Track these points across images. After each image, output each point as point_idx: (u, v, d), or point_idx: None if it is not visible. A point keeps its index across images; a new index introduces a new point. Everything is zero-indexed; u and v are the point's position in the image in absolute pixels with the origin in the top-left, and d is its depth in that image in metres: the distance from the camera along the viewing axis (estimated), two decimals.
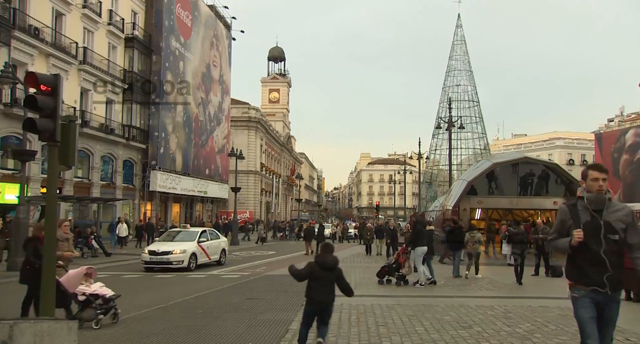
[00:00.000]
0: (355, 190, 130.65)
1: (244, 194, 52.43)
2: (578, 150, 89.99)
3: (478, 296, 11.17)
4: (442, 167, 47.63)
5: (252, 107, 58.95)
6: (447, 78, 48.35)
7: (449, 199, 24.08)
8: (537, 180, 22.72)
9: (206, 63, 42.69)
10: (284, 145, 77.37)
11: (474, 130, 47.30)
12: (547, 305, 9.82)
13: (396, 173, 77.43)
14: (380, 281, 13.30)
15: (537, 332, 7.52)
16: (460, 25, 48.79)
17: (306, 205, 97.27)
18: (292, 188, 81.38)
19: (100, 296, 7.85)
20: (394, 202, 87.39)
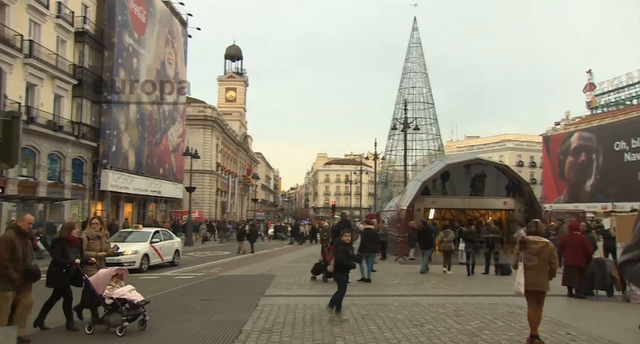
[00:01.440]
0: (311, 190, 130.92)
1: (199, 194, 51.64)
2: (527, 151, 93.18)
3: (430, 295, 11.37)
4: (397, 167, 48.36)
5: (208, 105, 58.13)
6: (403, 80, 49.19)
7: (403, 199, 24.44)
8: (488, 181, 23.36)
9: (161, 61, 41.78)
10: (240, 145, 76.67)
11: (429, 132, 48.33)
12: (496, 302, 10.11)
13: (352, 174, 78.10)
14: (313, 277, 13.73)
15: (486, 329, 7.73)
16: (416, 28, 49.69)
17: (262, 205, 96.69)
18: (249, 188, 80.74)
19: (128, 301, 7.40)
20: (350, 202, 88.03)
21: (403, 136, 36.04)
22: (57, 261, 7.69)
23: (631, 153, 64.13)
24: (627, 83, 72.88)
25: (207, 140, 56.09)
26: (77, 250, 7.89)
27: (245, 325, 7.90)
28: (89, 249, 8.26)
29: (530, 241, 6.88)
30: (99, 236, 8.67)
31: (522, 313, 7.53)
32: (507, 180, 23.38)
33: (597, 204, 61.49)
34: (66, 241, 7.79)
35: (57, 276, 7.65)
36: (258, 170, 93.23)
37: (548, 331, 7.48)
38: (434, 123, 48.42)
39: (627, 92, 73.61)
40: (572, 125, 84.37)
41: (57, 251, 7.75)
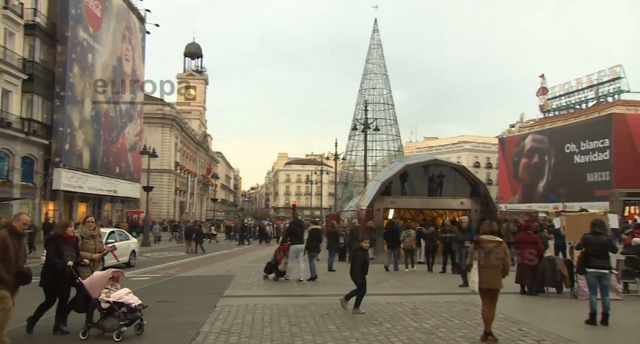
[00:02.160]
0: (272, 190, 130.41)
1: (157, 193, 50.68)
2: (484, 153, 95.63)
3: (389, 294, 11.51)
4: (357, 167, 48.72)
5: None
6: (364, 81, 49.61)
7: (363, 199, 24.65)
8: (445, 181, 23.81)
9: (117, 57, 40.75)
10: (200, 144, 75.64)
11: (389, 132, 48.92)
12: (452, 301, 10.32)
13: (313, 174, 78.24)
14: (266, 276, 13.96)
15: (442, 327, 7.88)
16: (376, 29, 50.16)
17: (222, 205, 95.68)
18: (208, 188, 79.74)
19: (126, 305, 7.08)
20: (310, 202, 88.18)
21: (363, 136, 36.37)
22: (51, 261, 7.26)
23: (580, 155, 66.70)
24: (577, 88, 75.76)
25: (165, 139, 55.10)
26: (73, 249, 7.46)
27: (203, 327, 7.79)
28: (83, 249, 7.88)
29: (484, 240, 7.05)
30: (94, 235, 8.28)
31: (477, 310, 7.71)
32: (464, 180, 23.89)
33: (549, 204, 63.74)
34: (62, 239, 7.37)
35: (51, 276, 7.23)
36: (218, 170, 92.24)
37: (501, 327, 7.69)
38: (394, 124, 49.05)
39: (577, 96, 76.51)
40: (526, 128, 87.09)
41: (51, 250, 7.30)
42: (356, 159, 48.68)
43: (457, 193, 23.57)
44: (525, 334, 7.41)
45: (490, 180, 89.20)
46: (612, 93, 70.64)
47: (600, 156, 63.47)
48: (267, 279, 13.83)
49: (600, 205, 46.31)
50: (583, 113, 72.96)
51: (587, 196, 57.71)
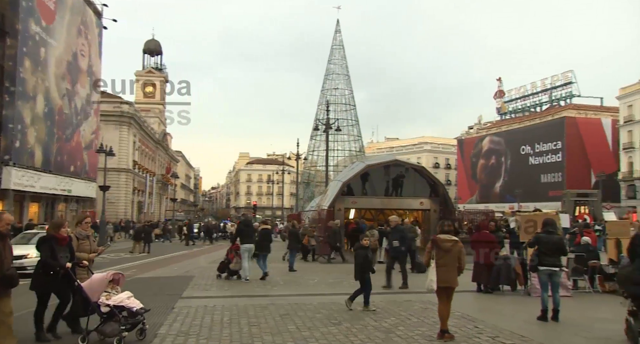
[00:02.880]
0: (233, 190, 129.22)
1: (114, 193, 49.44)
2: (443, 154, 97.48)
3: (349, 293, 11.54)
4: (319, 167, 48.87)
5: (125, 101, 55.72)
6: (326, 82, 49.84)
7: (324, 199, 24.73)
8: (406, 182, 24.16)
9: (72, 52, 39.47)
10: (159, 143, 74.21)
11: (350, 133, 49.31)
12: (410, 299, 10.47)
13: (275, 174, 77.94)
14: (219, 275, 14.17)
15: (400, 325, 7.98)
16: (339, 30, 50.45)
17: (182, 205, 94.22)
18: (167, 188, 78.32)
19: (127, 309, 6.72)
20: (272, 202, 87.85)
21: (325, 137, 36.49)
22: (45, 262, 6.90)
23: (535, 157, 68.90)
24: (532, 91, 78.22)
25: (123, 137, 53.78)
26: (67, 250, 7.14)
27: (161, 329, 7.64)
28: (79, 250, 7.54)
29: (441, 240, 7.19)
30: (88, 235, 7.95)
31: (435, 308, 7.84)
32: (424, 181, 24.29)
33: (505, 204, 65.57)
34: (55, 240, 7.02)
35: (44, 278, 6.87)
36: (178, 169, 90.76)
37: (457, 325, 7.86)
38: (356, 125, 49.49)
39: (532, 99, 78.99)
40: (484, 130, 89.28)
41: (45, 251, 6.93)
42: (318, 159, 48.86)
43: (417, 194, 23.94)
44: (480, 331, 7.59)
45: (449, 181, 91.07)
46: (565, 98, 73.30)
47: (553, 158, 65.75)
48: (220, 278, 14.01)
49: (553, 205, 47.95)
50: (537, 116, 75.39)
51: (541, 197, 59.70)
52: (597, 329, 7.90)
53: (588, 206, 45.07)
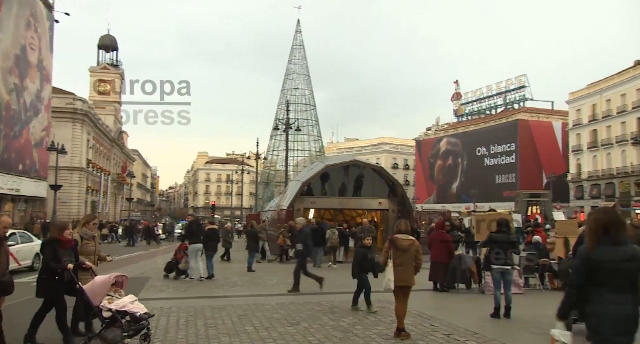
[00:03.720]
0: (191, 189, 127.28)
1: (67, 193, 47.88)
2: (402, 154, 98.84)
3: (308, 293, 11.56)
4: (279, 167, 48.71)
5: (78, 97, 54.01)
6: (286, 81, 49.72)
7: (284, 199, 24.66)
8: (365, 182, 24.35)
9: (21, 45, 37.92)
10: (114, 141, 72.31)
11: (310, 133, 49.36)
12: None
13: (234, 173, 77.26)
14: (166, 275, 14.25)
15: (358, 324, 8.03)
16: (299, 30, 50.42)
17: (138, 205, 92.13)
18: (123, 187, 76.44)
19: (130, 314, 6.35)
20: (231, 202, 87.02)
21: (285, 136, 36.40)
22: (48, 266, 6.57)
23: (490, 158, 70.77)
24: (487, 94, 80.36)
25: (76, 135, 52.11)
26: (71, 253, 6.79)
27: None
28: (83, 251, 7.19)
29: (399, 239, 7.28)
30: (94, 236, 7.58)
31: (392, 307, 7.94)
32: (382, 181, 24.55)
33: (461, 204, 67.06)
34: (58, 242, 6.67)
35: (49, 284, 6.53)
36: (134, 168, 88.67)
37: (414, 323, 7.97)
38: (316, 125, 49.56)
39: (487, 102, 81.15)
40: (441, 131, 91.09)
41: (48, 254, 6.62)
42: (277, 159, 48.69)
43: (376, 194, 24.18)
44: (436, 329, 7.73)
45: (407, 181, 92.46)
46: (518, 101, 75.68)
47: (507, 159, 67.71)
48: (168, 278, 14.06)
49: (507, 205, 49.36)
50: (493, 118, 77.53)
51: (495, 197, 61.36)
52: (546, 324, 8.13)
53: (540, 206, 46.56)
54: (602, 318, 3.91)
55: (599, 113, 57.29)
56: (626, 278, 3.93)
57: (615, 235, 4.03)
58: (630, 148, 48.42)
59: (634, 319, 3.89)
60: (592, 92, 58.67)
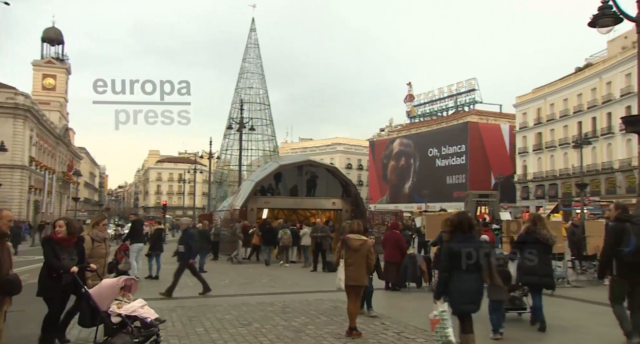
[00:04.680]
0: (142, 189, 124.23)
1: (7, 192, 45.79)
2: (355, 155, 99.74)
3: (260, 294, 11.50)
4: (232, 167, 48.22)
5: (20, 92, 51.68)
6: (240, 80, 49.27)
7: (237, 199, 24.42)
8: (319, 182, 24.43)
9: None
10: (60, 138, 69.60)
11: (265, 133, 49.12)
12: (321, 298, 10.59)
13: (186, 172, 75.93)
14: None
15: (310, 324, 8.03)
16: (254, 29, 50.09)
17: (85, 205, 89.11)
18: (69, 186, 73.71)
19: (140, 319, 5.91)
20: (183, 202, 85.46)
21: (239, 136, 36.06)
22: (49, 264, 6.29)
23: (441, 159, 72.46)
24: (439, 96, 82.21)
25: (18, 131, 49.84)
26: (73, 252, 6.41)
27: None
28: (94, 254, 6.81)
29: (351, 239, 7.32)
30: (105, 238, 7.20)
31: (344, 307, 7.98)
32: (336, 181, 24.69)
33: (414, 204, 68.30)
34: (52, 240, 6.34)
35: (49, 283, 6.23)
36: (81, 167, 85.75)
37: (365, 322, 8.04)
38: (270, 125, 49.37)
39: (439, 104, 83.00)
40: (394, 132, 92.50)
41: (48, 252, 6.28)
42: (231, 158, 48.21)
43: (330, 194, 24.30)
44: (387, 327, 7.82)
45: (361, 181, 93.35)
46: (468, 103, 77.76)
47: (458, 160, 69.52)
48: None
49: (458, 205, 50.64)
50: (444, 120, 79.38)
51: (446, 197, 62.83)
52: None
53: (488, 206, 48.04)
54: (456, 291, 5.45)
55: (543, 117, 59.67)
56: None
57: (465, 231, 5.58)
58: (571, 150, 50.62)
59: (478, 291, 5.54)
60: (537, 97, 61.07)
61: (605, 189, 49.80)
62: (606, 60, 52.77)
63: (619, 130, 45.02)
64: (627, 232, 6.37)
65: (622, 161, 46.87)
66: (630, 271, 6.34)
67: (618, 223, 6.64)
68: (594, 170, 50.17)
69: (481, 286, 5.58)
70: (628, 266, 6.33)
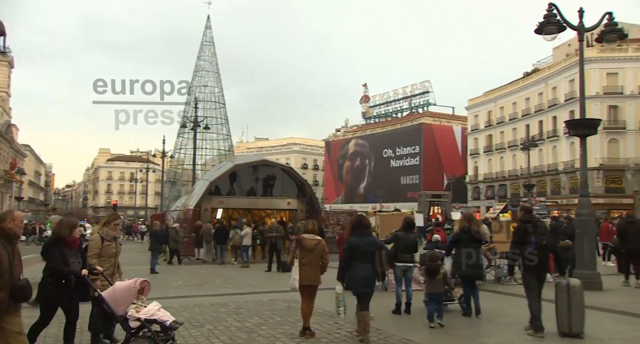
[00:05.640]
0: (91, 188, 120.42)
1: None
2: (311, 155, 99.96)
3: (213, 295, 11.36)
4: (186, 166, 47.41)
5: None
6: (195, 78, 48.49)
7: (191, 198, 24.04)
8: (274, 182, 24.33)
9: None
10: (2, 135, 66.59)
11: (219, 132, 48.54)
12: (275, 298, 10.54)
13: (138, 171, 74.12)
14: None
15: (264, 324, 7.99)
16: (209, 26, 49.45)
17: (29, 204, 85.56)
18: (12, 185, 70.58)
19: (159, 323, 5.55)
20: (134, 201, 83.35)
21: (193, 135, 35.50)
22: (56, 270, 5.77)
23: (396, 160, 73.62)
24: (394, 98, 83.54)
25: None
26: (78, 255, 6.00)
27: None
28: (104, 253, 6.41)
29: (306, 239, 7.33)
30: (116, 237, 6.74)
31: (298, 307, 7.98)
32: (291, 181, 24.66)
33: (368, 204, 69.10)
34: (64, 243, 5.83)
35: (53, 289, 5.72)
36: (25, 165, 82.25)
37: (319, 322, 8.07)
38: (225, 124, 48.83)
39: (394, 105, 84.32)
40: (350, 133, 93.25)
41: (55, 256, 5.77)
42: (185, 157, 47.39)
43: (285, 194, 24.24)
44: (340, 326, 7.88)
45: (317, 181, 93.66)
46: (422, 105, 79.38)
47: (412, 161, 70.83)
48: None
49: (411, 205, 51.57)
50: (399, 121, 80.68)
51: (400, 198, 63.90)
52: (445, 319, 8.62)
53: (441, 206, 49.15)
54: (353, 278, 6.98)
55: (493, 120, 61.56)
56: (368, 254, 6.95)
57: (361, 229, 7.08)
58: (519, 153, 52.43)
59: (371, 278, 7.12)
60: (488, 100, 62.95)
61: (551, 190, 51.86)
62: (551, 66, 54.99)
63: (563, 134, 46.95)
64: (529, 232, 7.29)
65: (566, 163, 48.92)
66: (534, 266, 7.27)
67: (522, 224, 7.52)
68: (540, 172, 52.17)
69: (373, 274, 7.13)
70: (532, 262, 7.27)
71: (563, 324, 7.15)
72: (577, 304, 7.13)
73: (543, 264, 7.34)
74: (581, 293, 7.24)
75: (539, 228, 7.42)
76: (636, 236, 12.22)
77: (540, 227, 7.49)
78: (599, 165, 45.48)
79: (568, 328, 7.10)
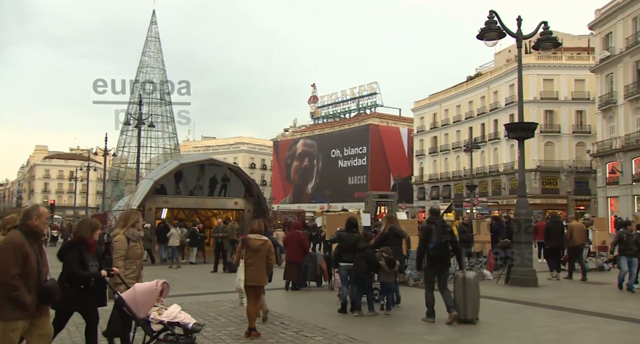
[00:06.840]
0: (26, 187, 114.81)
1: None
2: (259, 154, 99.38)
3: None
4: (130, 165, 46.07)
5: None
6: (140, 74, 47.26)
7: (134, 198, 23.36)
8: (221, 181, 24.02)
9: None
10: None
11: (165, 130, 47.51)
12: (220, 299, 10.42)
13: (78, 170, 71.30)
14: None
15: (208, 326, 7.86)
16: (154, 21, 48.34)
17: None
18: None
19: (182, 325, 5.32)
20: (74, 201, 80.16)
21: (137, 132, 34.51)
22: (73, 275, 5.39)
23: (344, 160, 74.31)
24: (342, 99, 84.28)
25: None
26: (95, 258, 5.64)
27: None
28: (130, 256, 6.13)
29: (251, 239, 7.28)
30: (141, 237, 6.40)
31: (244, 308, 7.91)
32: (239, 181, 24.42)
33: (316, 204, 69.41)
34: (85, 245, 5.47)
35: (70, 294, 5.29)
36: None
37: (265, 322, 8.02)
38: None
39: (342, 106, 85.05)
40: (298, 133, 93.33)
41: (73, 259, 5.40)
42: (129, 156, 46.06)
43: (232, 193, 23.99)
44: (286, 326, 7.87)
45: (265, 181, 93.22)
46: (370, 106, 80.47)
47: (359, 162, 71.71)
48: None
49: (359, 205, 52.17)
50: (346, 122, 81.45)
51: (348, 198, 64.54)
52: (392, 317, 8.78)
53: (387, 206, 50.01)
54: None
55: (438, 122, 63.21)
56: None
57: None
58: (463, 154, 54.07)
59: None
60: (433, 102, 64.59)
61: (492, 190, 53.79)
62: (493, 71, 57.06)
63: (504, 136, 48.81)
64: (432, 232, 8.16)
65: (506, 164, 50.89)
66: (435, 261, 8.25)
67: (427, 225, 8.45)
68: (482, 173, 54.02)
69: None
70: (433, 258, 8.22)
71: (460, 312, 8.04)
72: (472, 294, 8.12)
73: (442, 259, 8.32)
74: (476, 284, 8.27)
75: (441, 228, 8.25)
76: (558, 234, 14.05)
77: (441, 227, 8.28)
78: (537, 167, 47.56)
79: (464, 315, 8.04)
